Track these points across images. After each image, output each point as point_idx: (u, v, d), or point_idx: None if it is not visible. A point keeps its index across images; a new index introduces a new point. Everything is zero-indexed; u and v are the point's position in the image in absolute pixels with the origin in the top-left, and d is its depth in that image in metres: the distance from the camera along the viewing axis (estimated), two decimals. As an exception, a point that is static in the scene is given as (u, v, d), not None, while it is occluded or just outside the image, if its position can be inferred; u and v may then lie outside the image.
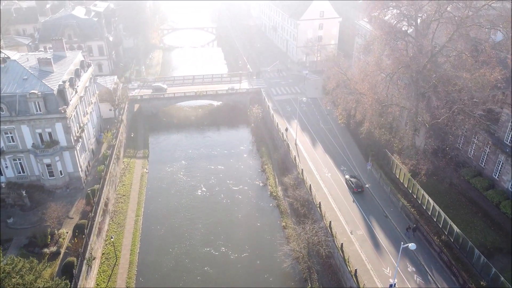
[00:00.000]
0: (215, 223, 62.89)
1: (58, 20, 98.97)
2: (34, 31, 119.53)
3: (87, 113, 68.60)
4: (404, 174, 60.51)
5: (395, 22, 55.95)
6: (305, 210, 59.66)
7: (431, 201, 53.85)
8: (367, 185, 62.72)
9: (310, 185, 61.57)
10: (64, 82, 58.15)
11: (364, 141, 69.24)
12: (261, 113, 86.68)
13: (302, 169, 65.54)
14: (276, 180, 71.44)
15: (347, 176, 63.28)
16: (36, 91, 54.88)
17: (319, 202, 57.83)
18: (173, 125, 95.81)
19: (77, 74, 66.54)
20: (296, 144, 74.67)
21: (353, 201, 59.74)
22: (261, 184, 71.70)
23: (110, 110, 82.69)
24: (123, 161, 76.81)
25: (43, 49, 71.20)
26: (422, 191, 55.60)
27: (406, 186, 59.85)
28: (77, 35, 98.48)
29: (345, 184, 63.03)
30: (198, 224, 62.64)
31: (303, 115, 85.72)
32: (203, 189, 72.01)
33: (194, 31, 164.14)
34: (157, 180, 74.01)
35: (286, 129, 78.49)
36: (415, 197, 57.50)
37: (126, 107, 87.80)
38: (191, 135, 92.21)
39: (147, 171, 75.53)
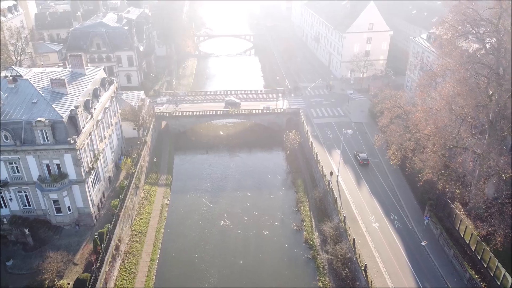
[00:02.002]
0: (237, 267, 54.66)
1: (87, 28, 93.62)
2: (68, 36, 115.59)
3: (105, 138, 61.68)
4: (472, 234, 49.36)
5: (475, 51, 44.98)
6: (347, 271, 49.68)
7: (510, 278, 42.61)
8: (423, 243, 51.94)
9: (354, 239, 51.52)
10: (76, 107, 51.19)
11: (420, 185, 58.26)
12: (298, 140, 77.12)
13: (344, 217, 55.53)
14: (313, 223, 61.68)
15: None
16: (43, 119, 48.13)
17: (365, 264, 47.76)
18: (201, 144, 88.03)
19: (96, 94, 59.72)
20: (337, 181, 64.64)
21: (407, 264, 49.20)
22: (295, 228, 62.17)
23: (134, 129, 75.82)
24: (144, 189, 69.54)
25: (62, 64, 65.13)
26: (497, 263, 44.42)
27: (474, 249, 48.71)
28: (106, 44, 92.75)
29: (396, 240, 52.57)
30: (217, 265, 54.94)
31: (346, 143, 75.30)
32: (227, 221, 64.10)
33: (231, 38, 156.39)
34: (178, 212, 66.29)
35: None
36: (485, 266, 46.37)
37: (151, 125, 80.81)
38: (220, 155, 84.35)
39: (168, 202, 67.86)
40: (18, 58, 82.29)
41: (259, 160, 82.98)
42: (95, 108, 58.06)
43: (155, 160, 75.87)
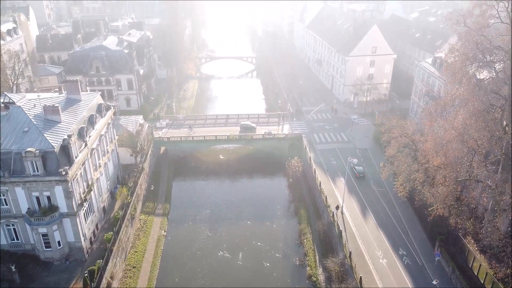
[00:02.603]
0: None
1: (87, 51, 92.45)
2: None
3: (99, 166, 59.25)
4: (486, 273, 46.16)
5: (488, 80, 42.73)
6: (354, 314, 46.40)
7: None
8: (434, 282, 48.61)
9: (360, 277, 48.33)
10: (69, 136, 48.94)
11: (427, 213, 55.22)
12: (301, 167, 74.53)
13: (350, 252, 52.42)
14: (317, 258, 58.48)
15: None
16: (33, 149, 45.82)
17: (373, 306, 44.54)
18: (200, 170, 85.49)
19: (91, 121, 57.62)
20: (342, 212, 61.72)
21: (418, 306, 45.95)
22: (297, 263, 58.97)
23: (131, 155, 73.48)
24: (140, 219, 66.70)
25: (58, 89, 63.34)
26: (516, 307, 41.14)
27: (489, 290, 45.44)
28: (106, 67, 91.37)
29: (406, 279, 49.35)
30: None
31: (351, 171, 72.80)
32: (226, 251, 61.24)
33: (233, 60, 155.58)
34: (176, 243, 63.32)
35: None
36: (503, 309, 43.01)
37: (150, 151, 78.54)
38: (220, 182, 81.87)
39: (164, 233, 64.88)
40: (15, 82, 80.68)
41: (260, 187, 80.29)
42: (90, 136, 55.85)
43: (152, 188, 73.20)
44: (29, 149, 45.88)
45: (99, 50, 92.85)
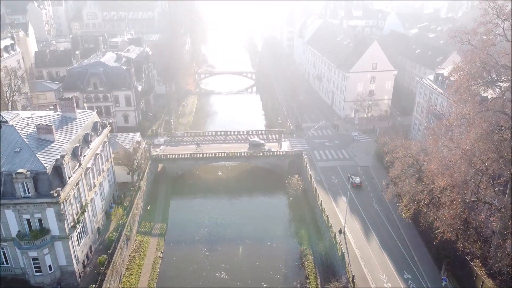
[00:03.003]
0: None
1: (85, 68, 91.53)
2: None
3: (94, 186, 57.57)
4: (496, 299, 44.14)
5: (495, 100, 41.39)
6: None
7: None
8: (442, 308, 46.60)
9: (364, 304, 46.28)
10: (62, 156, 47.41)
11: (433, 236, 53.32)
12: (301, 185, 72.81)
13: (353, 275, 50.40)
14: (319, 281, 56.27)
15: None
16: (24, 171, 44.23)
17: (378, 335, 42.38)
18: (199, 188, 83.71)
19: (86, 140, 56.15)
20: (344, 233, 59.79)
21: (425, 335, 43.77)
22: (298, 286, 56.86)
23: (128, 173, 71.76)
24: (135, 239, 64.73)
25: (53, 107, 61.93)
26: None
27: (500, 318, 43.34)
28: (103, 84, 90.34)
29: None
30: None
31: (352, 189, 71.07)
32: (224, 272, 59.27)
33: (233, 76, 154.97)
34: (172, 265, 61.26)
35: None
36: None
37: (147, 169, 76.96)
38: (219, 200, 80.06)
39: (161, 255, 62.81)
40: (11, 99, 79.48)
41: (260, 206, 78.44)
42: (84, 155, 54.31)
43: (149, 208, 71.29)
44: (20, 170, 44.28)
45: (97, 66, 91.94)
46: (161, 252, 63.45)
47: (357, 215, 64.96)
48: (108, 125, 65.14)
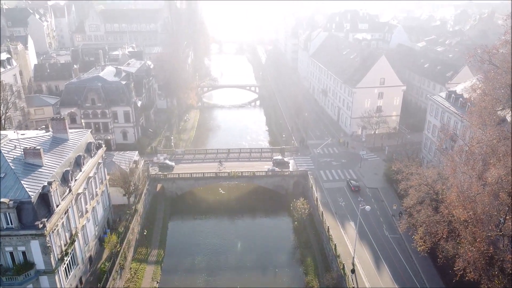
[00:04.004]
0: None
1: (83, 83, 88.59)
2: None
3: (86, 212, 53.94)
4: None
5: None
6: None
7: None
8: None
9: None
10: (50, 183, 43.86)
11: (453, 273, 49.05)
12: (307, 209, 68.80)
13: (364, 314, 46.22)
14: (326, 318, 52.12)
15: None
16: (6, 200, 40.68)
17: None
18: (199, 209, 79.84)
19: (78, 163, 52.70)
20: (353, 263, 55.65)
21: None
22: (305, 323, 52.69)
23: (124, 195, 68.09)
24: (130, 268, 60.71)
25: (44, 126, 58.61)
26: None
27: None
28: (102, 99, 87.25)
29: None
30: None
31: (361, 212, 67.00)
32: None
33: (236, 89, 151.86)
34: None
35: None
36: None
37: (145, 190, 73.34)
38: (220, 222, 76.40)
39: (157, 285, 58.73)
40: (4, 116, 76.37)
41: (263, 229, 74.35)
42: (75, 179, 50.79)
43: (145, 233, 67.40)
44: (2, 199, 40.73)
45: (95, 81, 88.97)
46: (157, 282, 59.34)
47: (366, 242, 60.88)
48: (103, 146, 61.70)
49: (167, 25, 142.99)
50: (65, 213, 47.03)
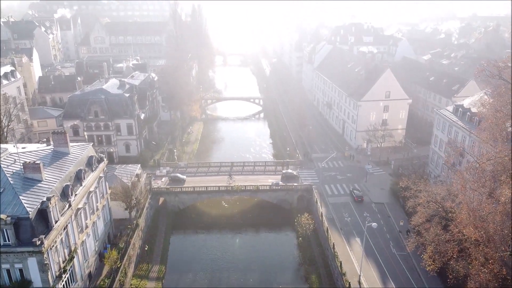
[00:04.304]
0: None
1: (86, 96, 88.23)
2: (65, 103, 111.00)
3: (86, 227, 52.85)
4: None
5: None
6: None
7: None
8: None
9: None
10: (49, 198, 42.93)
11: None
12: (312, 225, 67.31)
13: (371, 336, 44.50)
14: None
15: None
16: (4, 216, 39.73)
17: None
18: (202, 223, 78.48)
19: (79, 177, 51.82)
20: (359, 282, 54.02)
21: None
22: None
23: (126, 209, 66.98)
24: (131, 284, 59.27)
25: (46, 140, 57.95)
26: None
27: None
28: (105, 112, 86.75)
29: None
30: None
31: (367, 230, 65.45)
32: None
33: (240, 102, 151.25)
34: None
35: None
36: None
37: (147, 203, 72.26)
38: (223, 236, 75.27)
39: (158, 303, 57.36)
40: (6, 129, 75.83)
41: (267, 244, 72.90)
42: (76, 194, 49.84)
43: (146, 248, 66.09)
44: (0, 216, 39.77)
45: (98, 93, 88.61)
46: (158, 299, 57.99)
47: (373, 259, 59.26)
48: (105, 159, 60.83)
49: (171, 37, 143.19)
50: (64, 229, 45.99)
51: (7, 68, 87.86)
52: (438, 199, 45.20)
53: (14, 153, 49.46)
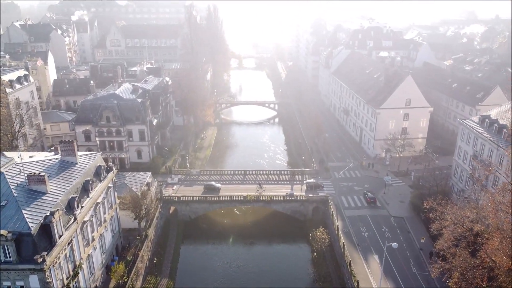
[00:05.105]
0: None
1: (98, 100, 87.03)
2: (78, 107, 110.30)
3: (93, 240, 51.02)
4: None
5: None
6: None
7: None
8: None
9: None
10: (52, 213, 41.09)
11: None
12: (327, 240, 64.25)
13: None
14: None
15: None
16: (5, 232, 37.99)
17: None
18: (213, 234, 76.21)
19: (86, 188, 50.06)
20: (378, 305, 50.89)
21: None
22: None
23: (135, 219, 65.05)
24: (139, 298, 57.38)
25: (54, 148, 56.42)
26: None
27: None
28: (117, 117, 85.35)
29: None
30: None
31: (385, 244, 62.16)
32: None
33: (254, 106, 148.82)
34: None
35: None
36: None
37: (157, 213, 70.32)
38: (234, 247, 73.31)
39: (165, 320, 55.19)
40: (17, 135, 74.83)
41: (280, 258, 69.85)
42: (82, 207, 48.02)
43: (155, 261, 64.00)
44: (1, 231, 38.05)
45: (111, 99, 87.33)
46: (166, 315, 55.83)
47: (391, 279, 56.04)
48: (114, 169, 58.99)
49: (186, 41, 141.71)
50: (68, 244, 44.13)
51: (21, 72, 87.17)
52: (466, 222, 41.71)
53: (19, 163, 47.92)
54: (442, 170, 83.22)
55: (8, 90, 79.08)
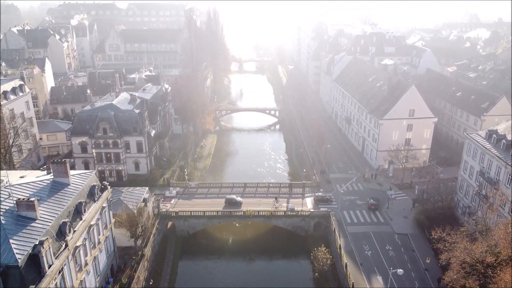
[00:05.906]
0: None
1: (95, 111, 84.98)
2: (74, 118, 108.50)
3: (86, 264, 49.09)
4: None
5: None
6: None
7: None
8: None
9: None
10: (41, 242, 39.13)
11: None
12: (329, 259, 62.22)
13: None
14: None
15: None
16: (-10, 265, 36.08)
17: None
18: (211, 250, 74.27)
19: (79, 210, 48.13)
20: (382, 332, 48.88)
21: None
22: None
23: (132, 238, 63.13)
24: (134, 322, 55.47)
25: (46, 167, 54.57)
26: None
27: None
28: (114, 129, 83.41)
29: None
30: None
31: (389, 264, 60.24)
32: None
33: (255, 113, 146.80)
34: None
35: None
36: None
37: (154, 229, 68.43)
38: (234, 263, 71.68)
39: None
40: (10, 148, 73.01)
41: (280, 275, 67.96)
42: (74, 231, 46.08)
43: (151, 283, 62.07)
44: (-15, 264, 36.15)
45: (108, 109, 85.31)
46: None
47: (396, 302, 54.04)
48: (109, 187, 57.09)
49: (186, 46, 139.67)
50: (59, 273, 42.17)
51: (16, 83, 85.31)
52: (476, 255, 39.58)
53: (8, 186, 45.97)
54: (446, 183, 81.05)
55: (2, 102, 77.25)
